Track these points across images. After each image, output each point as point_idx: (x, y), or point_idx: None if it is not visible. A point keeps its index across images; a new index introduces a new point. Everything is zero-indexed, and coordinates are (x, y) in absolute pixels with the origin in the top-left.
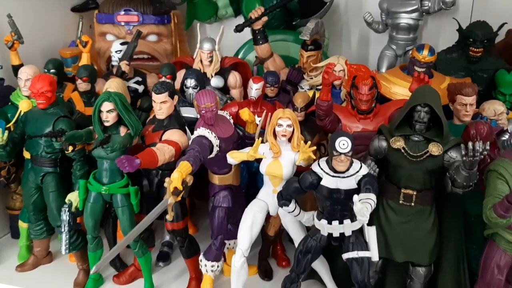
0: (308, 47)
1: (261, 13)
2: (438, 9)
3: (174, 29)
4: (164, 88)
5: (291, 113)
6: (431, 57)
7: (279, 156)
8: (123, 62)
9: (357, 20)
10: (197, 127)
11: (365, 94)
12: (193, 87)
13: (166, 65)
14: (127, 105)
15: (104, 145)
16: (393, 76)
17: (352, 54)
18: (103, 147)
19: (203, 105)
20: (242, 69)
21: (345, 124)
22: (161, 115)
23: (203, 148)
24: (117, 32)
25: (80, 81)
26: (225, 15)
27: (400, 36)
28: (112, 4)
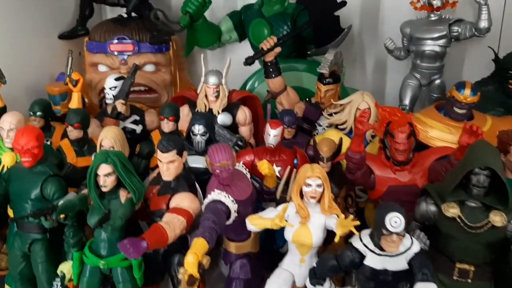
0: (326, 80)
1: (274, 43)
2: (470, 36)
3: (173, 57)
4: (172, 146)
5: (321, 170)
6: (474, 97)
7: (307, 221)
8: (118, 101)
9: (373, 45)
10: (211, 188)
11: (402, 143)
12: (202, 134)
13: (168, 106)
14: (128, 166)
15: (103, 224)
16: (429, 118)
17: (368, 82)
18: (102, 226)
19: (218, 163)
20: (251, 103)
21: (378, 177)
22: (169, 176)
23: (220, 217)
24: (110, 63)
25: (70, 128)
26: (229, 40)
27: (425, 65)
28: (104, 32)
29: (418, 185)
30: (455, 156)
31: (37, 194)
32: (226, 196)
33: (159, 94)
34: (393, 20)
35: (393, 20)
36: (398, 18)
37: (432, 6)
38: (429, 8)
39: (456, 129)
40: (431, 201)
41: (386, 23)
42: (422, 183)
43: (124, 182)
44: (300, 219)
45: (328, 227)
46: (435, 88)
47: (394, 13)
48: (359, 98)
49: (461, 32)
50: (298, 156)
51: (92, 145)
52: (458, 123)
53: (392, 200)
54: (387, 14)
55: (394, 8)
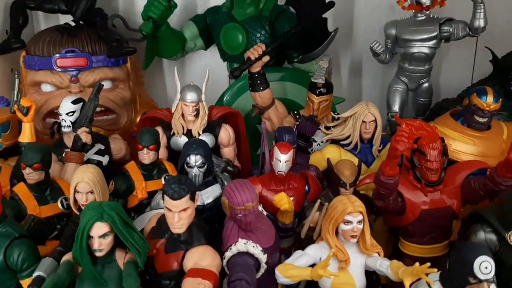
0: (319, 90)
1: (262, 51)
2: (464, 35)
3: (131, 70)
4: (185, 190)
5: (361, 203)
6: (497, 104)
7: (348, 265)
8: (81, 130)
9: (348, 49)
10: (231, 237)
11: (435, 162)
12: (200, 166)
13: (147, 132)
14: (127, 220)
15: None
16: (449, 129)
17: (343, 87)
18: None
19: (241, 206)
20: (232, 120)
21: (409, 201)
22: (180, 228)
23: (252, 274)
24: (57, 81)
25: (29, 170)
26: (193, 48)
27: (413, 68)
28: (48, 44)
29: (451, 206)
30: (498, 173)
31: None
32: (254, 246)
33: (117, 114)
34: (368, 20)
35: (368, 21)
36: (373, 18)
37: (421, 5)
38: (417, 7)
39: (479, 140)
40: (489, 228)
41: (361, 23)
42: (454, 204)
43: (126, 243)
44: (337, 263)
45: (371, 268)
46: (423, 92)
47: (368, 13)
48: (364, 110)
49: (453, 32)
50: (310, 181)
51: (55, 188)
52: (480, 132)
53: (425, 225)
54: (362, 15)
55: (369, 10)
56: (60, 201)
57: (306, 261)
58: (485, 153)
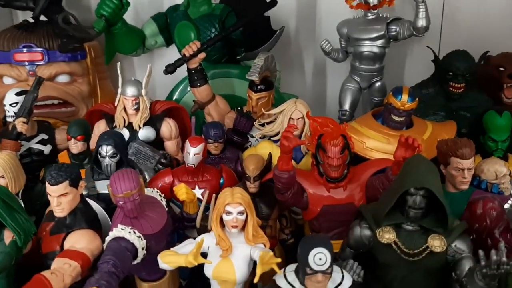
0: (257, 87)
1: (197, 49)
2: (409, 35)
3: (91, 65)
4: (63, 176)
5: (242, 195)
6: (412, 103)
7: (229, 253)
8: (19, 120)
9: (311, 47)
10: (115, 223)
11: (336, 158)
12: (111, 156)
13: (76, 123)
14: (11, 202)
15: None
16: (365, 127)
17: (307, 87)
18: None
19: (120, 194)
20: (178, 115)
21: (312, 196)
22: (61, 212)
23: (122, 257)
24: (16, 75)
25: None
26: (154, 45)
27: (364, 67)
28: (8, 39)
29: (355, 203)
30: (392, 171)
31: None
32: (131, 231)
33: (76, 107)
34: (331, 20)
35: (331, 20)
36: (336, 18)
37: (368, 4)
38: (365, 7)
39: (394, 139)
40: (366, 225)
41: (324, 23)
42: (360, 200)
43: (5, 223)
44: (221, 251)
45: (254, 258)
46: (376, 91)
47: (331, 13)
48: (292, 107)
49: (399, 31)
50: (224, 175)
51: None
52: (396, 131)
53: (328, 220)
54: (324, 14)
55: (332, 8)
56: None
57: (192, 249)
58: None
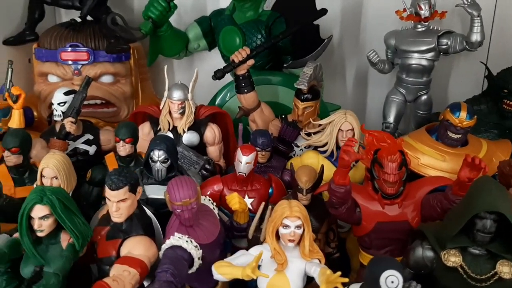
0: (304, 96)
1: (247, 55)
2: (461, 49)
3: (134, 66)
4: (123, 181)
5: (301, 209)
6: (470, 121)
7: (285, 268)
8: (67, 120)
9: (354, 56)
10: (170, 231)
11: (393, 174)
12: (163, 161)
13: (125, 126)
14: (70, 205)
15: (33, 285)
16: (420, 143)
17: (348, 96)
18: None
19: (179, 202)
20: (221, 120)
21: (365, 211)
22: (119, 217)
23: (180, 267)
24: (61, 73)
25: (7, 152)
26: (197, 49)
27: (411, 79)
28: (55, 38)
29: (409, 220)
30: (452, 191)
31: None
32: (188, 241)
33: (118, 108)
34: (376, 30)
35: (375, 29)
36: (381, 28)
37: (419, 16)
38: (416, 18)
39: (450, 156)
40: (428, 246)
41: (368, 32)
42: (414, 218)
43: (64, 226)
44: (276, 265)
45: (308, 274)
46: (421, 105)
47: (376, 23)
48: (341, 118)
49: (451, 45)
50: (274, 184)
51: (34, 171)
52: (452, 149)
53: (380, 237)
54: (369, 23)
55: (377, 17)
56: (36, 184)
57: (245, 260)
58: (456, 170)
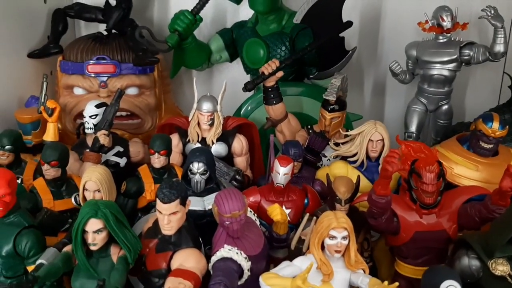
0: (331, 107)
1: (276, 67)
2: (483, 60)
3: (158, 78)
4: (175, 195)
5: (347, 219)
6: (503, 131)
7: (331, 279)
8: (101, 132)
9: (372, 67)
10: (219, 243)
11: (431, 184)
12: (202, 173)
13: (159, 138)
14: (122, 218)
15: None
16: (452, 153)
17: (366, 105)
18: None
19: (228, 214)
20: (247, 130)
21: (403, 221)
22: (170, 230)
23: (232, 279)
24: (88, 86)
25: (47, 166)
26: (218, 60)
27: (433, 89)
28: (81, 51)
29: (446, 230)
30: (492, 200)
31: (9, 250)
32: (238, 252)
33: (142, 119)
34: (394, 40)
35: (393, 40)
36: (398, 38)
37: (441, 27)
38: (438, 30)
39: (483, 166)
40: (474, 255)
41: (386, 43)
42: (451, 228)
43: (117, 239)
44: (321, 276)
45: (354, 284)
46: (442, 114)
47: (394, 33)
48: (372, 129)
49: (473, 56)
50: (309, 195)
51: (71, 184)
52: (484, 159)
53: (418, 247)
54: (387, 34)
55: (395, 28)
56: (74, 197)
57: (291, 272)
58: (489, 180)
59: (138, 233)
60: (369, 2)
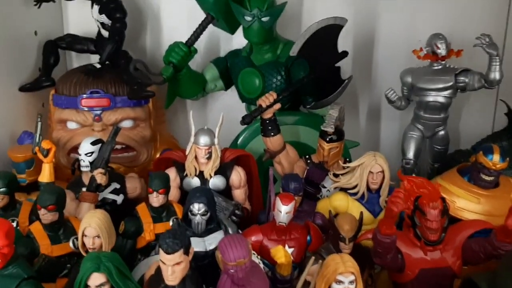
0: (329, 137)
1: (274, 99)
2: (479, 87)
3: (153, 109)
4: (178, 244)
5: (353, 263)
6: (503, 164)
7: None
8: (97, 171)
9: (366, 91)
10: None
11: (435, 221)
12: (202, 213)
13: (158, 177)
14: (125, 270)
15: None
16: (454, 185)
17: (362, 129)
18: None
19: (233, 262)
20: (245, 161)
21: (408, 258)
22: (174, 281)
23: None
24: (81, 120)
25: (44, 211)
26: (213, 89)
27: (429, 116)
28: (74, 84)
29: (451, 266)
30: (497, 237)
31: None
32: None
33: (137, 152)
34: (387, 65)
35: (387, 65)
36: (392, 63)
37: (436, 55)
38: (433, 58)
39: (485, 198)
40: None
41: (380, 68)
42: (455, 263)
43: None
44: None
45: None
46: (439, 140)
47: (388, 58)
48: (371, 160)
49: (469, 82)
50: (312, 232)
51: (69, 227)
52: (486, 191)
53: (423, 284)
54: (380, 59)
55: (388, 53)
56: (72, 240)
57: None
58: (491, 212)
59: (138, 277)
60: (362, 28)
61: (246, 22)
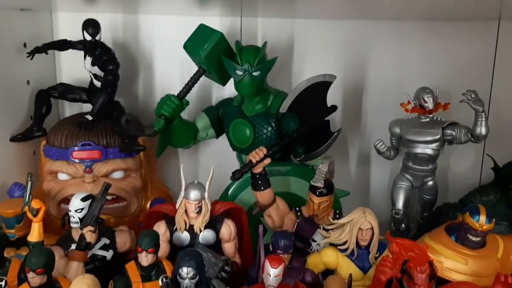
0: (319, 191)
1: (264, 154)
2: (466, 141)
3: (144, 159)
4: None
5: None
6: (490, 225)
7: None
8: (87, 229)
9: (356, 138)
10: None
11: (423, 286)
12: (191, 277)
13: (147, 235)
14: None
15: None
16: (442, 245)
17: (352, 175)
18: None
19: None
20: (235, 214)
21: None
22: None
23: None
24: (72, 171)
25: (32, 274)
26: (205, 138)
27: (417, 167)
28: (66, 136)
29: None
30: None
31: None
32: None
33: (128, 202)
34: (376, 113)
35: (376, 113)
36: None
37: (424, 108)
38: (421, 111)
39: (472, 259)
40: None
41: (369, 115)
42: None
43: None
44: None
45: None
46: (428, 190)
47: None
48: (361, 217)
49: (456, 136)
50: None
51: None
52: (473, 251)
53: None
54: (370, 108)
55: (377, 102)
56: None
57: None
58: (479, 273)
59: None
60: (352, 77)
61: (237, 76)
